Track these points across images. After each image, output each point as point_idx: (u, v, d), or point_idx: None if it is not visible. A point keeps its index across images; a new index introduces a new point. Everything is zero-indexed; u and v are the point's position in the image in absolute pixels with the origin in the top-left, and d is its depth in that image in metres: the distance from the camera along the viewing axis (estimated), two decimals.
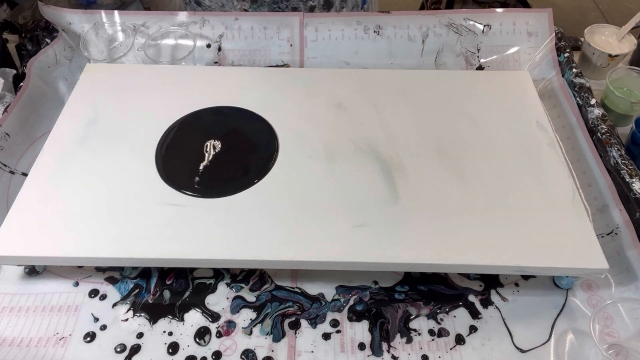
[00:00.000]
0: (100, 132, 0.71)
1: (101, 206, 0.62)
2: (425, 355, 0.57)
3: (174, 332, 0.58)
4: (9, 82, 0.82)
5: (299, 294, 0.62)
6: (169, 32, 0.87)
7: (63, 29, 0.86)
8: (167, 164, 0.67)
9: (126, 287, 0.62)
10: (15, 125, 0.73)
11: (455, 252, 0.59)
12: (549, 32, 0.85)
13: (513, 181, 0.66)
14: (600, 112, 0.74)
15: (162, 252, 0.58)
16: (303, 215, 0.62)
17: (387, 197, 0.64)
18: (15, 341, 0.57)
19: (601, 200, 0.68)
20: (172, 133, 0.71)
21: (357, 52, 0.87)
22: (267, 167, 0.67)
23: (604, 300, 0.61)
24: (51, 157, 0.67)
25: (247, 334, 0.58)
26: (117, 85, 0.78)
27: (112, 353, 0.56)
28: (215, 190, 0.65)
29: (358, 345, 0.58)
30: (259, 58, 0.88)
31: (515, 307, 0.61)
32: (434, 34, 0.87)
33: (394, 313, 0.60)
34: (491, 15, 0.87)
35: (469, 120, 0.74)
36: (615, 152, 0.68)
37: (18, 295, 0.61)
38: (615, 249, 0.64)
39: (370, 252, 0.59)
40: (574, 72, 0.80)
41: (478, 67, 0.87)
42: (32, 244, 0.59)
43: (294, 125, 0.73)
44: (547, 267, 0.58)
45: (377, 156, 0.69)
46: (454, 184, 0.65)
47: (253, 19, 0.86)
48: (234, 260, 0.59)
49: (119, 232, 0.60)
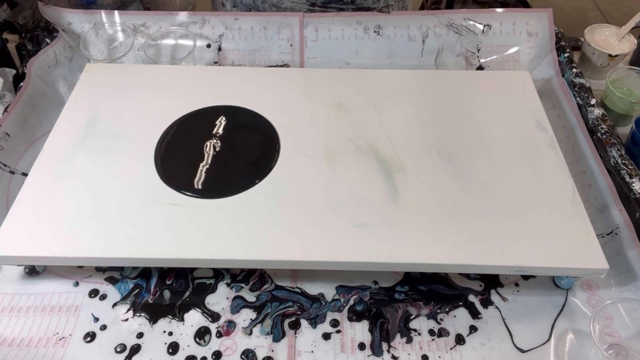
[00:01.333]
0: (100, 132, 0.71)
1: (101, 206, 0.62)
2: (425, 355, 0.57)
3: (174, 332, 0.58)
4: (9, 82, 0.82)
5: (299, 294, 0.62)
6: (169, 32, 0.87)
7: (63, 29, 0.86)
8: (167, 165, 0.67)
9: (126, 287, 0.62)
10: (15, 125, 0.73)
11: (455, 252, 0.59)
12: (549, 32, 0.85)
13: (513, 181, 0.66)
14: (600, 112, 0.74)
15: (162, 252, 0.58)
16: (303, 215, 0.62)
17: (387, 197, 0.64)
18: (15, 341, 0.57)
19: (601, 200, 0.68)
20: (172, 133, 0.71)
21: (357, 52, 0.87)
22: (269, 167, 0.67)
23: (604, 300, 0.61)
24: (51, 157, 0.67)
25: (247, 334, 0.58)
26: (117, 85, 0.78)
27: (112, 353, 0.56)
28: (216, 191, 0.64)
29: (358, 345, 0.58)
30: (259, 58, 0.88)
31: (515, 307, 0.61)
32: (434, 34, 0.87)
33: (394, 313, 0.60)
34: (491, 15, 0.87)
35: (469, 120, 0.74)
36: (615, 152, 0.68)
37: (18, 295, 0.61)
38: (615, 249, 0.64)
39: (370, 252, 0.59)
40: (574, 72, 0.80)
41: (478, 67, 0.87)
42: (32, 244, 0.59)
43: (294, 125, 0.73)
44: (547, 267, 0.58)
45: (377, 156, 0.69)
46: (453, 184, 0.65)
47: (253, 19, 0.86)
48: (234, 260, 0.59)
49: (119, 232, 0.60)
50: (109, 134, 0.71)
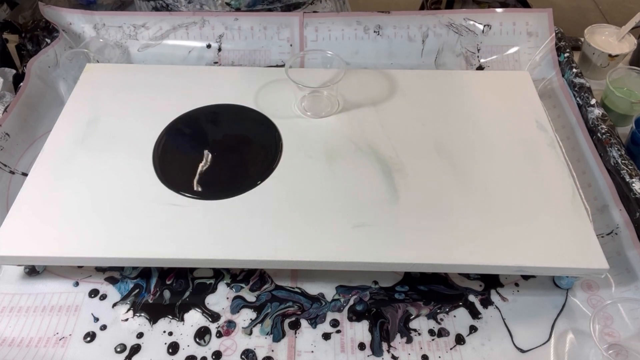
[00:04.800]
0: (100, 132, 0.71)
1: (102, 206, 0.62)
2: (425, 355, 0.57)
3: (174, 332, 0.58)
4: (9, 82, 0.82)
5: (299, 294, 0.62)
6: (168, 33, 0.87)
7: (63, 29, 0.86)
8: (168, 165, 0.67)
9: (126, 287, 0.62)
10: (15, 125, 0.73)
11: (455, 252, 0.59)
12: (549, 32, 0.85)
13: (513, 181, 0.66)
14: (600, 112, 0.74)
15: (162, 252, 0.58)
16: (303, 215, 0.62)
17: (387, 197, 0.64)
18: (15, 341, 0.57)
19: (601, 200, 0.68)
20: (173, 132, 0.71)
21: (357, 52, 0.87)
22: (271, 168, 0.67)
23: (604, 300, 0.61)
24: (51, 157, 0.67)
25: (247, 334, 0.58)
26: (117, 85, 0.78)
27: (112, 353, 0.56)
28: (217, 192, 0.64)
29: (358, 345, 0.58)
30: (259, 58, 0.88)
31: (515, 307, 0.61)
32: (434, 34, 0.87)
33: (394, 313, 0.60)
34: (491, 15, 0.87)
35: (469, 120, 0.74)
36: (615, 152, 0.68)
37: (18, 295, 0.61)
38: (615, 249, 0.64)
39: (370, 252, 0.59)
40: (574, 72, 0.80)
41: (478, 67, 0.87)
42: (32, 244, 0.59)
43: (294, 125, 0.73)
44: (547, 267, 0.58)
45: (377, 156, 0.69)
46: (453, 184, 0.65)
47: (253, 19, 0.86)
48: (234, 260, 0.59)
49: (119, 232, 0.60)
50: (109, 133, 0.71)
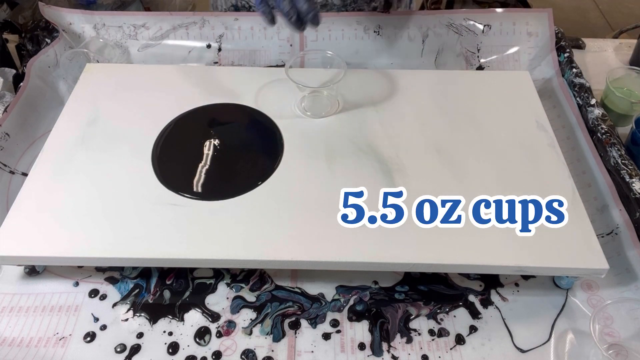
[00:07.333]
0: (100, 132, 0.71)
1: (102, 206, 0.62)
2: (425, 355, 0.57)
3: (174, 332, 0.58)
4: (9, 82, 0.82)
5: (299, 294, 0.62)
6: (168, 32, 0.87)
7: (63, 29, 0.86)
8: (167, 165, 0.67)
9: (126, 287, 0.62)
10: (15, 125, 0.73)
11: (455, 252, 0.59)
12: (549, 32, 0.85)
13: (513, 181, 0.66)
14: (600, 112, 0.74)
15: (162, 252, 0.58)
16: (303, 215, 0.62)
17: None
18: (15, 341, 0.57)
19: (601, 200, 0.68)
20: (173, 132, 0.71)
21: (357, 52, 0.87)
22: (272, 168, 0.67)
23: (604, 300, 0.61)
24: (51, 157, 0.67)
25: (247, 334, 0.58)
26: (117, 85, 0.78)
27: (112, 353, 0.56)
28: (218, 192, 0.64)
29: (358, 345, 0.58)
30: (259, 58, 0.88)
31: (515, 307, 0.61)
32: (434, 34, 0.87)
33: (394, 313, 0.60)
34: (491, 15, 0.87)
35: (468, 120, 0.74)
36: (615, 152, 0.68)
37: (18, 295, 0.61)
38: (615, 249, 0.64)
39: (370, 252, 0.59)
40: (574, 72, 0.80)
41: (478, 67, 0.87)
42: (32, 244, 0.59)
43: (294, 125, 0.73)
44: (547, 267, 0.58)
45: (377, 156, 0.69)
46: (454, 184, 0.65)
47: (253, 19, 0.86)
48: (234, 260, 0.59)
49: (119, 232, 0.60)
50: (109, 133, 0.71)
